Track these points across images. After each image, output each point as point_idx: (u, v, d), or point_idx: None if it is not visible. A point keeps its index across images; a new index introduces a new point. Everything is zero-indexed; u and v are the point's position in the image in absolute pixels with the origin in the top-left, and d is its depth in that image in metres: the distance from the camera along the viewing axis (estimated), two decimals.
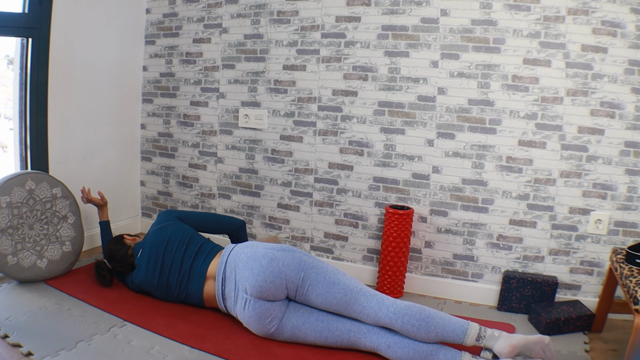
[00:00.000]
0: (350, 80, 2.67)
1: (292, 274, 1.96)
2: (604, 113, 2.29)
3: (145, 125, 3.30)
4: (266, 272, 1.95)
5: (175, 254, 2.23)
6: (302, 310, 1.99)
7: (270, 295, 1.95)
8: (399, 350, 1.82)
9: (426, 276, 2.65)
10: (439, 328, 1.82)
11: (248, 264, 2.01)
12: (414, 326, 1.82)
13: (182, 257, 2.22)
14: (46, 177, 2.53)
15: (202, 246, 2.26)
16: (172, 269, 2.22)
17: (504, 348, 1.78)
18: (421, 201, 2.61)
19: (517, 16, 2.33)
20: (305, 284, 1.96)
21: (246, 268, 2.00)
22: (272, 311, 1.96)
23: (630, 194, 2.30)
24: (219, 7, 2.94)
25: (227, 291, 2.09)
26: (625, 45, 2.22)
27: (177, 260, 2.22)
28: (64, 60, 2.69)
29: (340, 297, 1.93)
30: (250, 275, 1.97)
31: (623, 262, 1.98)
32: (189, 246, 2.25)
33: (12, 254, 2.33)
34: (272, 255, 2.00)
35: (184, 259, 2.22)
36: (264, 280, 1.94)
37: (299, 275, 1.97)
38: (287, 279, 1.96)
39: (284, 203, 2.92)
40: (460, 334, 1.81)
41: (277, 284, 1.95)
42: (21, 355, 1.81)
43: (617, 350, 2.10)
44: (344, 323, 1.94)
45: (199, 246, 2.25)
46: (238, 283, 2.03)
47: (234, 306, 2.07)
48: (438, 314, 1.86)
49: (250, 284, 1.96)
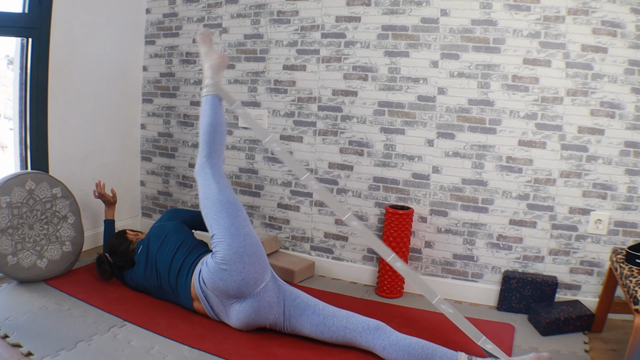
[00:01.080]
0: (350, 80, 2.67)
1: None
2: (604, 113, 2.29)
3: (145, 125, 3.30)
4: (241, 273, 1.97)
5: (165, 259, 2.22)
6: (298, 301, 2.01)
7: (256, 286, 1.99)
8: (394, 352, 1.81)
9: (426, 276, 2.65)
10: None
11: (216, 273, 2.00)
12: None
13: (169, 267, 2.20)
14: (46, 177, 2.53)
15: (186, 257, 2.18)
16: (163, 277, 2.23)
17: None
18: (421, 201, 2.61)
19: (517, 16, 2.33)
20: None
21: (216, 278, 2.00)
22: (267, 301, 1.99)
23: (630, 194, 2.30)
24: (219, 7, 2.95)
25: (216, 307, 2.09)
26: (625, 45, 2.22)
27: (165, 268, 2.22)
28: (64, 60, 2.69)
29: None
30: (226, 282, 1.98)
31: (623, 262, 1.98)
32: (176, 253, 2.21)
33: (12, 254, 2.33)
34: (238, 258, 1.99)
35: (170, 270, 2.20)
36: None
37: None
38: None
39: (284, 203, 2.92)
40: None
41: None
42: (21, 355, 1.81)
43: (617, 350, 2.10)
44: (340, 320, 1.94)
45: (185, 256, 2.19)
46: (220, 295, 2.04)
47: (227, 318, 2.09)
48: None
49: (232, 286, 1.98)
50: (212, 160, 2.19)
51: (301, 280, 2.71)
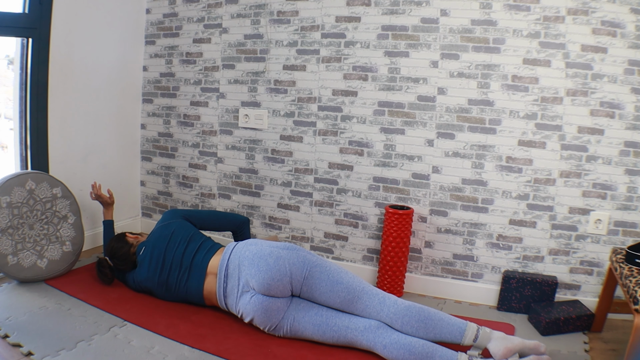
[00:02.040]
0: (350, 80, 2.67)
1: (297, 272, 2.00)
2: (604, 113, 2.29)
3: (145, 125, 3.30)
4: (273, 270, 1.98)
5: (176, 251, 2.24)
6: (303, 305, 2.02)
7: (277, 292, 1.98)
8: (395, 351, 1.83)
9: (426, 276, 2.65)
10: (437, 329, 1.86)
11: (254, 262, 2.02)
12: (412, 327, 1.87)
13: (183, 254, 2.23)
14: (46, 177, 2.53)
15: (203, 243, 2.27)
16: (173, 267, 2.23)
17: (499, 350, 1.80)
18: (421, 201, 2.61)
19: (517, 16, 2.33)
20: (309, 282, 2.00)
21: (252, 265, 2.02)
22: (277, 305, 1.99)
23: (630, 194, 2.30)
24: (219, 7, 2.95)
25: (230, 288, 2.10)
26: (625, 45, 2.22)
27: (177, 257, 2.22)
28: (64, 60, 2.69)
29: (343, 295, 1.97)
30: (257, 272, 1.99)
31: (623, 262, 1.99)
32: (189, 243, 2.26)
33: (12, 254, 2.33)
34: (277, 254, 2.03)
35: (184, 255, 2.22)
36: (272, 278, 1.97)
37: (304, 274, 2.00)
38: (293, 277, 2.00)
39: (284, 203, 2.93)
40: (457, 335, 1.85)
41: (284, 281, 1.98)
42: (21, 355, 1.81)
43: (616, 350, 2.10)
44: (342, 320, 1.95)
45: (200, 243, 2.26)
46: (242, 279, 2.05)
47: (236, 302, 2.08)
48: (437, 314, 1.89)
49: (258, 281, 1.98)
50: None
51: None
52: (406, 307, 1.90)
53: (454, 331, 1.85)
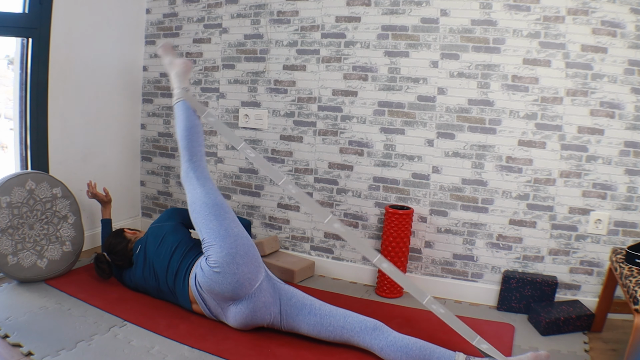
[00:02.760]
0: (350, 80, 2.67)
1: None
2: (604, 113, 2.29)
3: (145, 125, 3.30)
4: (234, 275, 1.97)
5: (162, 262, 2.22)
6: (294, 300, 2.01)
7: (250, 288, 1.99)
8: (392, 353, 1.81)
9: (426, 276, 2.65)
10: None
11: (212, 278, 2.00)
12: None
13: (167, 269, 2.20)
14: (46, 177, 2.53)
15: (183, 259, 2.17)
16: (161, 279, 2.22)
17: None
18: (421, 201, 2.61)
19: (517, 16, 2.33)
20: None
21: (212, 282, 2.00)
22: (263, 300, 2.00)
23: (630, 194, 2.30)
24: (219, 7, 2.95)
25: (213, 309, 2.10)
26: (625, 45, 2.22)
27: (162, 270, 2.21)
28: (64, 60, 2.69)
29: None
30: (220, 284, 1.98)
31: (623, 262, 1.99)
32: (173, 255, 2.20)
33: (12, 254, 2.33)
34: (231, 260, 1.98)
35: (167, 272, 2.20)
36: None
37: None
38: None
39: (284, 203, 2.93)
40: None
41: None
42: (21, 355, 1.81)
43: (616, 350, 2.10)
44: (337, 320, 1.94)
45: (181, 259, 2.17)
46: (216, 298, 2.05)
47: (227, 318, 2.09)
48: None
49: (226, 289, 1.98)
50: (194, 163, 2.19)
51: (301, 280, 2.71)
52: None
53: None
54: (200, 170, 2.18)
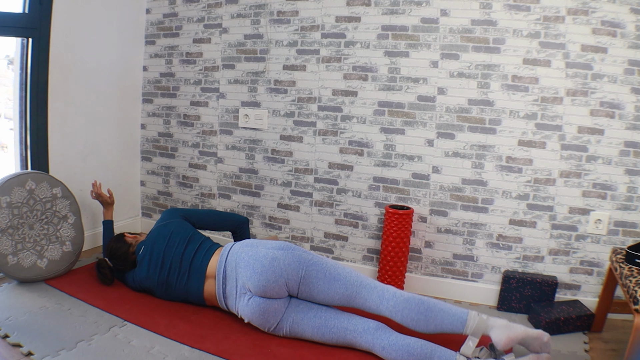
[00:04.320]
0: (350, 80, 2.67)
1: (293, 272, 1.99)
2: (604, 113, 2.29)
3: (145, 125, 3.30)
4: (268, 272, 1.97)
5: (176, 251, 2.23)
6: (302, 306, 2.02)
7: (273, 294, 1.98)
8: (394, 352, 1.82)
9: (426, 276, 2.65)
10: (438, 320, 1.85)
11: (250, 264, 2.02)
12: (413, 320, 1.86)
13: (182, 255, 2.22)
14: (46, 177, 2.53)
15: (201, 244, 2.26)
16: (172, 268, 2.22)
17: (501, 339, 1.78)
18: (421, 201, 2.61)
19: (517, 16, 2.33)
20: (306, 281, 2.00)
21: (248, 267, 2.02)
22: (275, 307, 1.99)
23: (630, 194, 2.30)
24: (219, 7, 2.95)
25: (229, 289, 2.10)
26: (625, 45, 2.22)
27: (177, 258, 2.22)
28: (64, 60, 2.69)
29: (341, 292, 1.97)
30: (252, 274, 1.99)
31: (623, 262, 1.99)
32: (189, 244, 2.25)
33: (12, 254, 2.33)
34: (273, 255, 2.02)
35: (183, 257, 2.22)
36: (267, 280, 1.96)
37: (300, 273, 2.00)
38: (289, 278, 1.99)
39: (284, 203, 2.92)
40: (459, 325, 1.83)
41: (280, 283, 1.98)
42: (21, 355, 1.81)
43: (616, 350, 2.10)
44: (341, 321, 1.95)
45: (199, 244, 2.26)
46: (239, 282, 2.05)
47: (235, 304, 2.08)
48: (437, 305, 1.88)
49: (254, 284, 1.98)
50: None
51: None
52: (405, 300, 1.89)
53: (455, 321, 1.83)
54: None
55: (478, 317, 1.84)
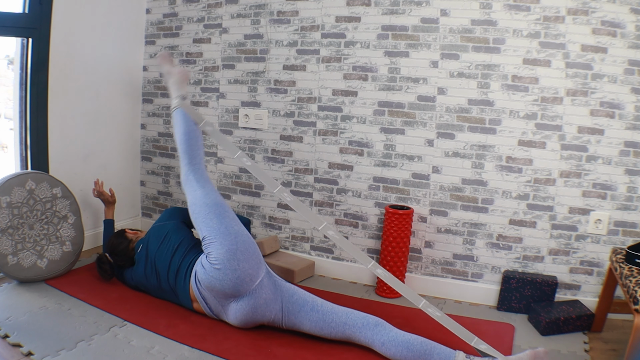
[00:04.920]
0: (350, 80, 2.67)
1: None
2: (604, 113, 2.29)
3: (145, 125, 3.30)
4: (230, 271, 1.97)
5: (164, 259, 2.22)
6: (296, 297, 2.02)
7: (249, 285, 1.99)
8: (393, 348, 1.82)
9: (426, 276, 2.65)
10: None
11: (211, 276, 2.00)
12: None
13: (168, 268, 2.20)
14: (46, 177, 2.53)
15: (184, 258, 2.18)
16: (162, 276, 2.23)
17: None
18: (421, 201, 2.61)
19: (517, 16, 2.33)
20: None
21: (211, 279, 2.01)
22: (264, 299, 2.00)
23: (630, 194, 2.30)
24: (219, 7, 2.95)
25: (214, 307, 2.10)
26: (625, 45, 2.22)
27: (164, 269, 2.21)
28: (64, 60, 2.69)
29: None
30: (220, 282, 1.98)
31: (623, 262, 1.99)
32: (175, 254, 2.21)
33: (12, 254, 2.33)
34: (231, 256, 1.99)
35: (169, 271, 2.20)
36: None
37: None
38: (253, 270, 2.01)
39: (284, 203, 2.92)
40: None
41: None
42: (21, 355, 1.81)
43: (616, 350, 2.10)
44: (340, 316, 1.95)
45: (183, 257, 2.18)
46: (217, 296, 2.05)
47: (227, 316, 2.09)
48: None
49: (227, 286, 1.99)
50: (193, 167, 2.23)
51: (301, 280, 2.71)
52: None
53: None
54: (200, 173, 2.22)
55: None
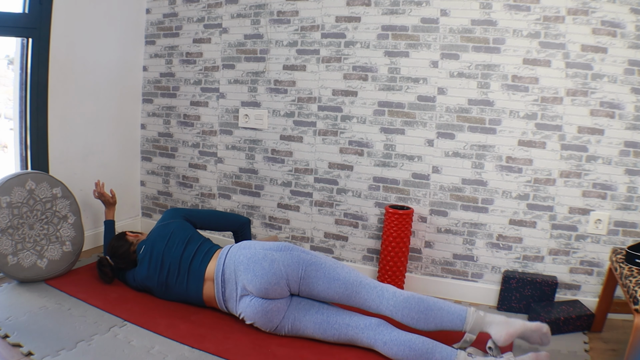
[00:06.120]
0: (350, 80, 2.67)
1: (293, 273, 2.00)
2: (604, 113, 2.29)
3: (145, 125, 3.30)
4: (269, 274, 1.98)
5: (175, 253, 2.23)
6: (303, 303, 2.03)
7: (275, 294, 1.99)
8: (395, 347, 1.83)
9: (426, 276, 2.65)
10: (438, 318, 1.87)
11: (249, 267, 2.02)
12: (413, 318, 1.88)
13: (181, 256, 2.22)
14: (46, 177, 2.53)
15: (200, 246, 2.25)
16: (172, 269, 2.22)
17: (501, 336, 1.81)
18: (421, 201, 2.61)
19: (517, 16, 2.33)
20: (306, 281, 2.01)
21: (248, 270, 2.02)
22: (277, 307, 2.00)
23: (630, 194, 2.30)
24: (219, 7, 2.95)
25: (228, 292, 2.10)
26: (625, 45, 2.22)
27: (175, 259, 2.22)
28: (64, 60, 2.69)
29: (341, 291, 1.98)
30: (253, 277, 1.99)
31: (623, 262, 1.99)
32: (187, 245, 2.25)
33: (12, 254, 2.33)
34: (272, 257, 2.03)
35: (182, 258, 2.22)
36: (268, 282, 1.97)
37: (299, 274, 2.01)
38: (289, 278, 2.00)
39: (284, 203, 2.93)
40: (459, 322, 1.86)
41: (281, 284, 1.99)
42: (21, 355, 1.81)
43: (616, 350, 2.10)
44: (343, 318, 1.96)
45: (197, 246, 2.25)
46: (239, 284, 2.05)
47: (236, 306, 2.08)
48: (437, 304, 1.90)
49: (255, 286, 1.99)
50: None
51: None
52: (405, 299, 1.91)
53: (454, 319, 1.86)
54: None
55: (476, 313, 1.86)
